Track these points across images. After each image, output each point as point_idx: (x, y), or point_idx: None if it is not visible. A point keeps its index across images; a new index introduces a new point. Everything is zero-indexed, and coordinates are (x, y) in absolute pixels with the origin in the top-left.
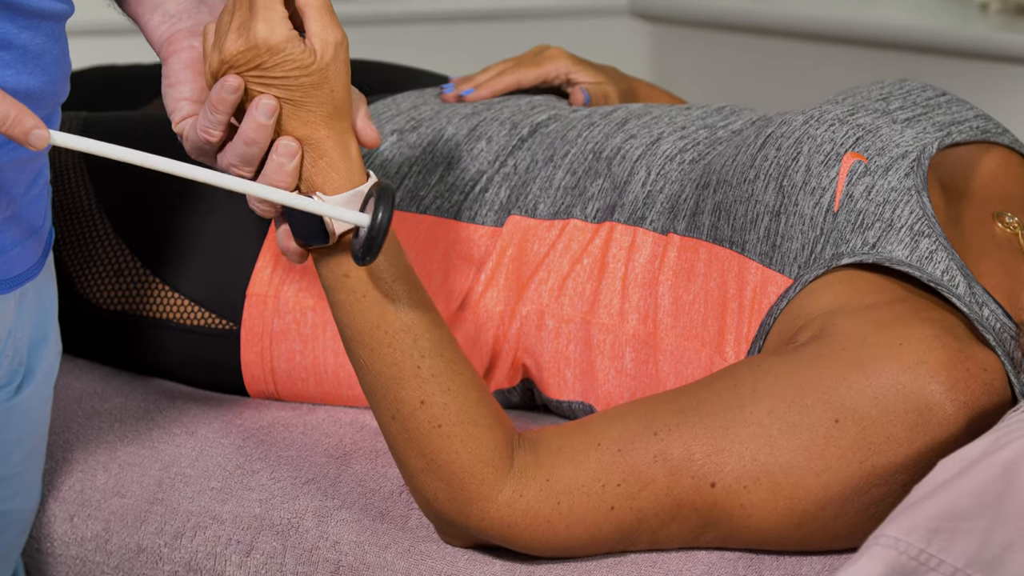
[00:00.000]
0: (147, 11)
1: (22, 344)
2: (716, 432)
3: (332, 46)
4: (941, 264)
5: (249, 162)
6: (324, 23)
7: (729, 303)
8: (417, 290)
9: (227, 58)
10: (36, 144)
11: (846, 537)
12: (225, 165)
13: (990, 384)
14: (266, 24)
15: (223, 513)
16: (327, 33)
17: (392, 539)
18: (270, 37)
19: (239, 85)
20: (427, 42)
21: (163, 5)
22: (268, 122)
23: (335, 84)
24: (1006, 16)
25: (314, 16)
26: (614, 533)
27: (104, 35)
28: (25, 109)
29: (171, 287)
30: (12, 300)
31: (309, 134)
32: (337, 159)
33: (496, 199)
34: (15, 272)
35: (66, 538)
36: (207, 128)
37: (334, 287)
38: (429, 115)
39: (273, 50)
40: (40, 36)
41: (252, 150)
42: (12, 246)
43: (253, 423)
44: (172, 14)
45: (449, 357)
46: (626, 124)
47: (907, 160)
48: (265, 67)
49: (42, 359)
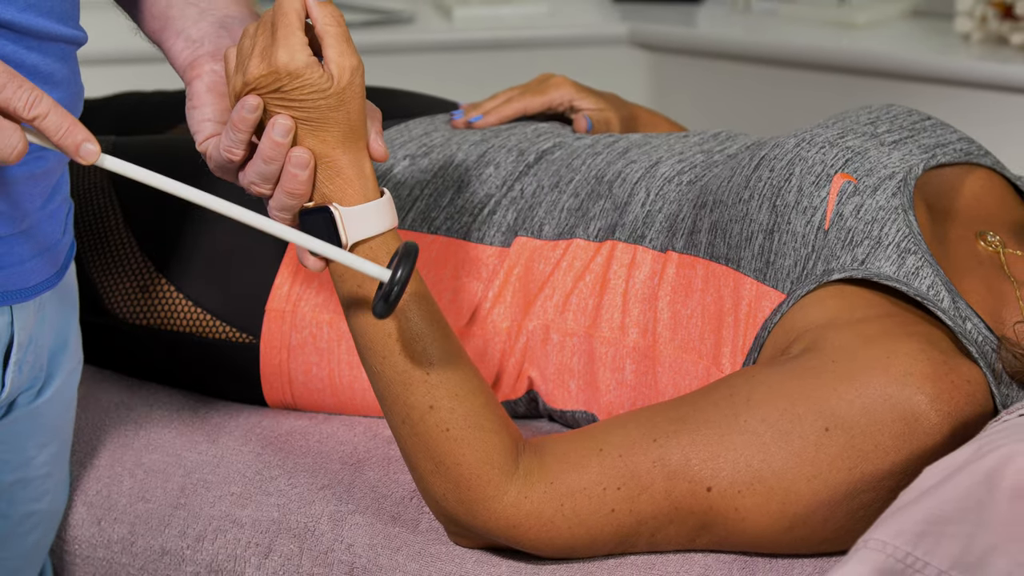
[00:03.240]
0: (171, 37)
1: (43, 351)
2: (712, 439)
3: (349, 71)
4: (927, 280)
5: (268, 179)
6: (341, 49)
7: (725, 317)
8: (428, 301)
9: (250, 81)
10: (86, 158)
11: (836, 540)
12: (246, 183)
13: (973, 395)
14: (287, 50)
15: (243, 517)
16: (344, 59)
17: (404, 542)
18: (290, 63)
19: (258, 104)
20: (438, 70)
21: (186, 31)
22: (284, 140)
23: (351, 107)
24: (987, 46)
25: (332, 43)
26: (614, 534)
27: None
28: (78, 123)
29: (194, 302)
30: (32, 309)
31: (326, 153)
32: (352, 176)
33: (504, 221)
34: (32, 283)
35: (93, 541)
36: (229, 147)
37: (349, 299)
38: (440, 141)
39: (293, 75)
40: (49, 58)
41: (270, 168)
42: (29, 258)
43: (271, 432)
44: (195, 39)
45: (457, 365)
46: (627, 152)
47: (894, 181)
48: (285, 90)
49: (62, 365)
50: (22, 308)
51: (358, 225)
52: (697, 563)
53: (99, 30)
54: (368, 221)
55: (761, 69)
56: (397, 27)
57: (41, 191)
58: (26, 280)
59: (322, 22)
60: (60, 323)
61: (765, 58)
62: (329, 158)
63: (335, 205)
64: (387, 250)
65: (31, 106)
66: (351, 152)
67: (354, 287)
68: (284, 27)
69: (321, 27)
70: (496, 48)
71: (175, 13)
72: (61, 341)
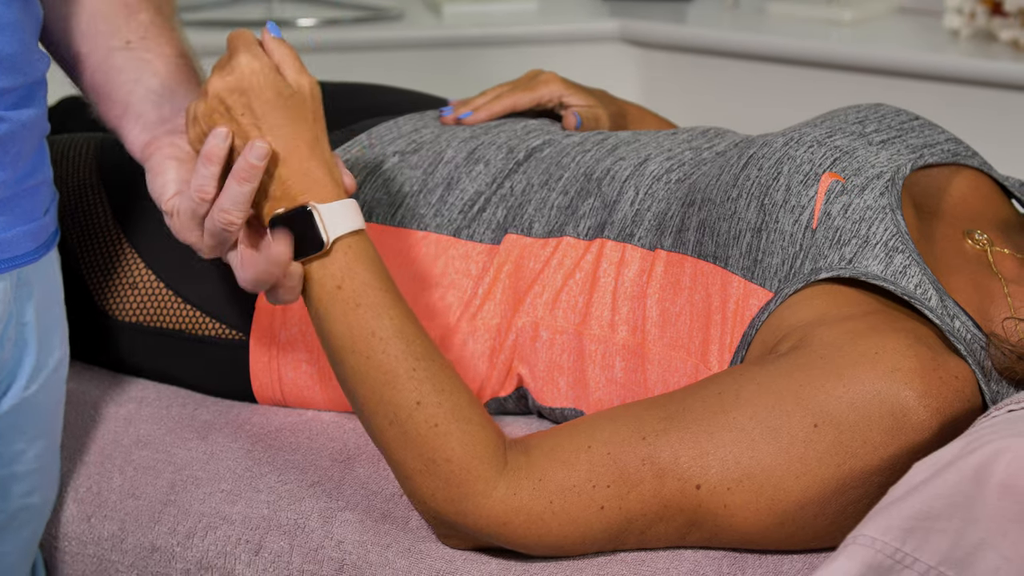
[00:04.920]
0: (128, 123)
1: (25, 329)
2: (701, 436)
3: (308, 86)
4: (914, 278)
5: (241, 204)
6: (298, 68)
7: (713, 315)
8: (401, 298)
9: (214, 91)
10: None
11: (825, 536)
12: (216, 214)
13: (961, 391)
14: (248, 53)
15: (233, 514)
16: (302, 77)
17: (394, 539)
18: (253, 61)
19: (228, 132)
20: (427, 67)
21: (143, 116)
22: (260, 163)
23: (315, 115)
24: (975, 42)
25: (288, 64)
26: (604, 532)
27: None
28: None
29: (183, 299)
30: (10, 283)
31: (295, 156)
32: (323, 177)
33: (493, 219)
34: (8, 255)
35: (84, 537)
36: (201, 186)
37: (328, 300)
38: (430, 138)
39: (257, 72)
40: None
41: (244, 189)
42: (5, 228)
43: (261, 428)
44: (152, 122)
45: (439, 360)
46: (616, 149)
47: (882, 180)
48: (251, 92)
49: (49, 356)
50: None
51: (337, 221)
52: (687, 559)
53: None
54: (346, 217)
55: (750, 66)
56: (386, 24)
57: (11, 159)
58: (2, 251)
59: (278, 53)
60: (46, 315)
61: (754, 55)
62: (298, 159)
63: (313, 204)
64: (362, 248)
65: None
66: (318, 156)
67: (333, 288)
68: (242, 41)
69: (278, 56)
70: (485, 45)
71: (135, 100)
72: (47, 333)
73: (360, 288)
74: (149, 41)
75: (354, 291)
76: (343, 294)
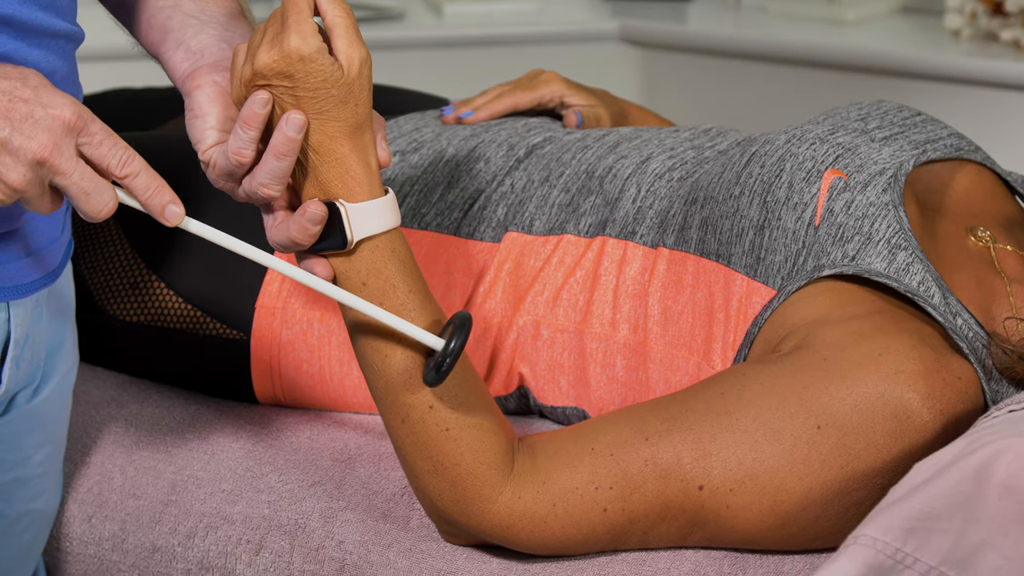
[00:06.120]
0: (170, 48)
1: (40, 348)
2: (704, 437)
3: (358, 62)
4: (917, 276)
5: (279, 178)
6: (351, 40)
7: (716, 313)
8: (429, 299)
9: (259, 68)
10: (170, 220)
11: (827, 537)
12: (254, 186)
13: (964, 392)
14: (299, 35)
15: (234, 514)
16: (353, 50)
17: (394, 539)
18: (302, 47)
19: (268, 99)
20: (428, 67)
21: (186, 42)
22: (298, 136)
23: (359, 99)
24: (976, 42)
25: (341, 34)
26: (606, 533)
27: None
28: (165, 184)
29: (184, 299)
30: (29, 305)
31: (333, 148)
32: (359, 172)
33: (494, 216)
34: (28, 279)
35: (85, 538)
36: (239, 149)
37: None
38: (430, 137)
39: (305, 60)
40: (51, 55)
41: (283, 164)
42: (25, 255)
43: (262, 428)
44: (195, 51)
45: (458, 364)
46: (618, 147)
47: (884, 177)
48: (296, 78)
49: (58, 364)
50: (19, 305)
51: (364, 222)
52: (688, 559)
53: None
54: (374, 218)
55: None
56: (388, 23)
57: None
58: (23, 277)
59: (331, 14)
60: (57, 322)
61: (755, 55)
62: (336, 153)
63: (341, 201)
64: (391, 248)
65: (123, 164)
66: (358, 148)
67: (358, 284)
68: (295, 14)
69: (331, 19)
70: (486, 44)
71: (175, 25)
72: (58, 340)
73: (384, 287)
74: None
75: (378, 289)
76: (367, 291)
